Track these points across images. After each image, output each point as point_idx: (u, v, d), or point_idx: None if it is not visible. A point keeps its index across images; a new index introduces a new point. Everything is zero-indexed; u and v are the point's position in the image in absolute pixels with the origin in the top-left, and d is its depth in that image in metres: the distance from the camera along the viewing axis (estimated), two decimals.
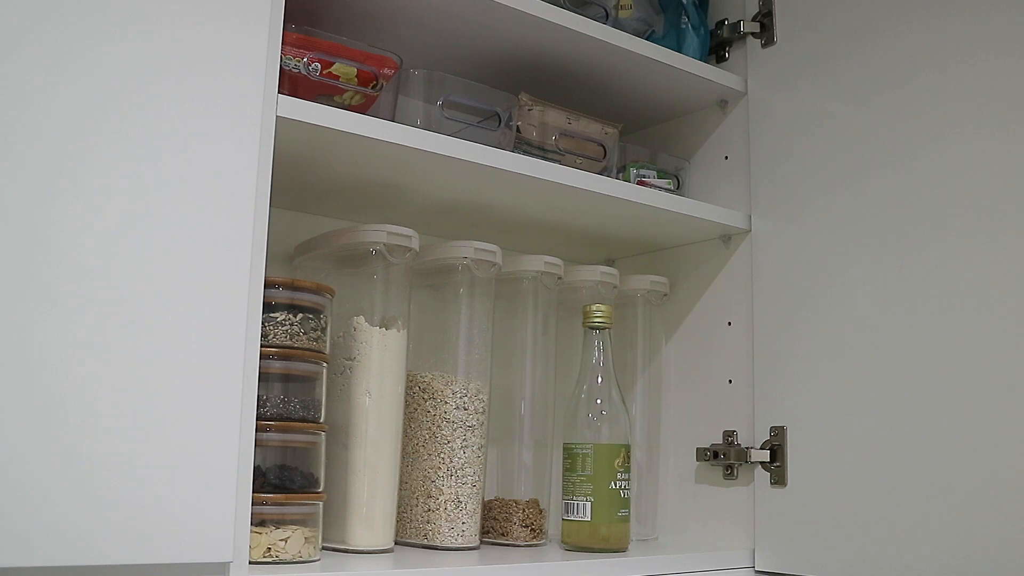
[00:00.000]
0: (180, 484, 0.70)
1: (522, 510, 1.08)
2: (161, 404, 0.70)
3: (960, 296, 0.95)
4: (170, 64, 0.74)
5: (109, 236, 0.70)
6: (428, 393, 1.04)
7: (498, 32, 1.06)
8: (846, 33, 1.10)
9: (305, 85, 0.90)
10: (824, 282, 1.08)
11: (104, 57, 0.71)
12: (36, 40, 0.68)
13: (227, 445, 0.73)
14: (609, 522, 1.05)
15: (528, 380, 1.11)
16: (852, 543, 1.01)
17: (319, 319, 0.91)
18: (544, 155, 1.08)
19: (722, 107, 1.25)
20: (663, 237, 1.27)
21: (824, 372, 1.07)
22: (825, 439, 1.06)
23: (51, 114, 0.68)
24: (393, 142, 0.89)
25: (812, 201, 1.11)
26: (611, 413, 1.08)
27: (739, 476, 1.15)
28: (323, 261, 1.03)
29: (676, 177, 1.22)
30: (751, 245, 1.18)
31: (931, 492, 0.95)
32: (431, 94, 1.00)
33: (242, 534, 0.74)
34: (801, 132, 1.14)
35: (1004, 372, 0.91)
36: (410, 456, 1.03)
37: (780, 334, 1.12)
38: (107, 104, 0.71)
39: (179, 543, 0.70)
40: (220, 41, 0.77)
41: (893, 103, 1.04)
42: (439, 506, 1.01)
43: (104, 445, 0.67)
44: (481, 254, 1.05)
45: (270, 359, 0.86)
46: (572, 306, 1.18)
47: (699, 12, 1.24)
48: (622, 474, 1.06)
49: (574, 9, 1.07)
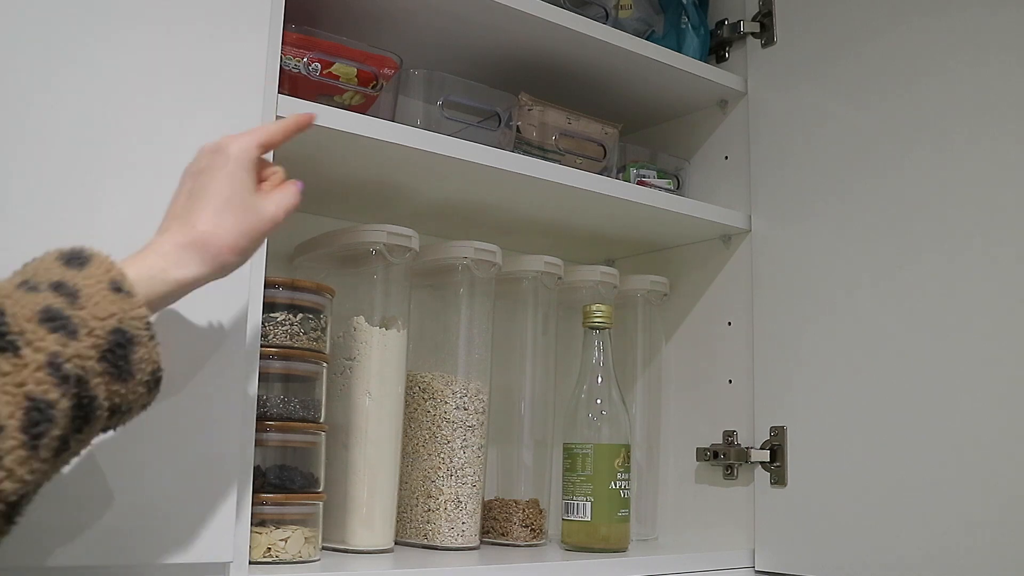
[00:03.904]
0: (180, 484, 0.70)
1: (522, 510, 1.08)
2: (161, 404, 0.70)
3: (960, 296, 0.95)
4: (170, 64, 0.74)
5: (110, 236, 0.69)
6: (428, 393, 1.04)
7: (498, 32, 1.06)
8: (846, 33, 1.10)
9: (305, 85, 0.90)
10: (824, 282, 1.08)
11: (104, 58, 0.71)
12: (35, 40, 0.68)
13: (227, 445, 0.73)
14: (609, 522, 1.05)
15: (528, 380, 1.11)
16: (852, 543, 1.01)
17: (319, 319, 0.91)
18: (544, 155, 1.08)
19: (722, 107, 1.25)
20: (663, 237, 1.27)
21: (824, 372, 1.07)
22: (825, 439, 1.06)
23: (52, 116, 0.68)
24: (393, 142, 0.89)
25: (812, 201, 1.11)
26: (611, 413, 1.08)
27: (739, 476, 1.15)
28: (323, 261, 1.03)
29: (676, 177, 1.22)
30: (751, 245, 1.18)
31: (931, 492, 0.95)
32: (431, 94, 1.00)
33: (242, 534, 0.75)
34: (801, 132, 1.14)
35: (1004, 372, 0.91)
36: (410, 456, 1.03)
37: (780, 334, 1.12)
38: (107, 104, 0.71)
39: (179, 543, 0.70)
40: (220, 41, 0.77)
41: (893, 103, 1.04)
42: (439, 506, 1.01)
43: (102, 446, 0.67)
44: (481, 254, 1.05)
45: (270, 359, 0.86)
46: (572, 306, 1.18)
47: (699, 12, 1.24)
48: (622, 474, 1.06)
49: (574, 9, 1.07)
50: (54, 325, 0.50)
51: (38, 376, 0.48)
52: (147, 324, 0.54)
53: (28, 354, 0.48)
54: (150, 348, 0.55)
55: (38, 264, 0.54)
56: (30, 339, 0.48)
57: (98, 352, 0.51)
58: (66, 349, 0.50)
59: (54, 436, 0.49)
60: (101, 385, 0.52)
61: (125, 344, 0.53)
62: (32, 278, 0.52)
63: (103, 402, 0.52)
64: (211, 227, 0.60)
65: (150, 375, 0.55)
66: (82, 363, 0.51)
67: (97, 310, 0.52)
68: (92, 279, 0.53)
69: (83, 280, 0.53)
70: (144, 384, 0.55)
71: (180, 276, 0.58)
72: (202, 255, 0.59)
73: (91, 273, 0.53)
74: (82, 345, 0.51)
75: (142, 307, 0.54)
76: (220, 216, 0.61)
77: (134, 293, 0.54)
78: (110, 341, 0.52)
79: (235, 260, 0.62)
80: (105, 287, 0.53)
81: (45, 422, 0.48)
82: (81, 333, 0.51)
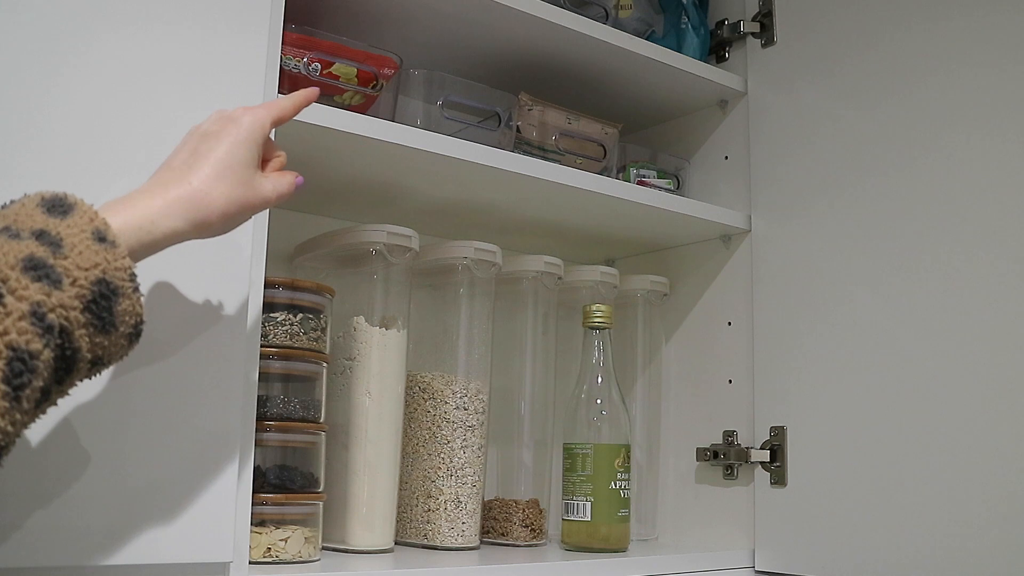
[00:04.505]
0: (180, 484, 0.70)
1: (522, 510, 1.08)
2: (160, 404, 0.70)
3: (960, 296, 0.95)
4: (170, 64, 0.74)
5: None
6: (428, 393, 1.04)
7: (498, 32, 1.06)
8: (846, 33, 1.10)
9: (305, 85, 0.89)
10: (824, 282, 1.08)
11: (104, 58, 0.71)
12: (35, 41, 0.68)
13: (227, 445, 0.73)
14: (609, 522, 1.05)
15: (528, 380, 1.11)
16: (852, 543, 1.01)
17: (319, 319, 0.91)
18: (544, 155, 1.08)
19: (722, 107, 1.25)
20: (663, 237, 1.27)
21: (824, 372, 1.07)
22: (825, 439, 1.06)
23: (51, 116, 0.68)
24: (393, 142, 0.89)
25: (812, 201, 1.11)
26: (611, 413, 1.08)
27: (739, 476, 1.15)
28: (323, 261, 1.03)
29: (676, 177, 1.22)
30: (751, 245, 1.18)
31: (931, 492, 0.95)
32: (431, 94, 1.00)
33: (242, 534, 0.74)
34: (801, 132, 1.14)
35: (1004, 372, 0.91)
36: (410, 456, 1.03)
37: (780, 334, 1.12)
38: (107, 104, 0.71)
39: (179, 543, 0.70)
40: (220, 41, 0.77)
41: (893, 103, 1.04)
42: (439, 506, 1.01)
43: (102, 446, 0.67)
44: (481, 254, 1.05)
45: (270, 359, 0.86)
46: (572, 306, 1.18)
47: (699, 12, 1.24)
48: (622, 474, 1.06)
49: (574, 9, 1.07)
50: (37, 274, 0.49)
51: (20, 326, 0.47)
52: (131, 275, 0.54)
53: (11, 302, 0.47)
54: (134, 300, 0.54)
55: (19, 209, 0.52)
56: (13, 287, 0.47)
57: (82, 303, 0.51)
58: (49, 299, 0.49)
59: (36, 387, 0.48)
60: (84, 337, 0.51)
61: (109, 295, 0.52)
62: (13, 224, 0.51)
63: (86, 354, 0.52)
64: (206, 187, 0.60)
65: (133, 327, 0.54)
66: (66, 313, 0.50)
67: (81, 260, 0.51)
68: (75, 228, 0.52)
69: (66, 229, 0.51)
70: (126, 337, 0.54)
71: (166, 228, 0.57)
72: (190, 212, 0.59)
73: (74, 222, 0.52)
74: (66, 295, 0.50)
75: (125, 258, 0.53)
76: (217, 180, 0.61)
77: (118, 243, 0.53)
78: (94, 292, 0.51)
79: (219, 226, 0.62)
80: (88, 236, 0.52)
81: (28, 372, 0.47)
82: (65, 283, 0.50)
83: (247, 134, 0.63)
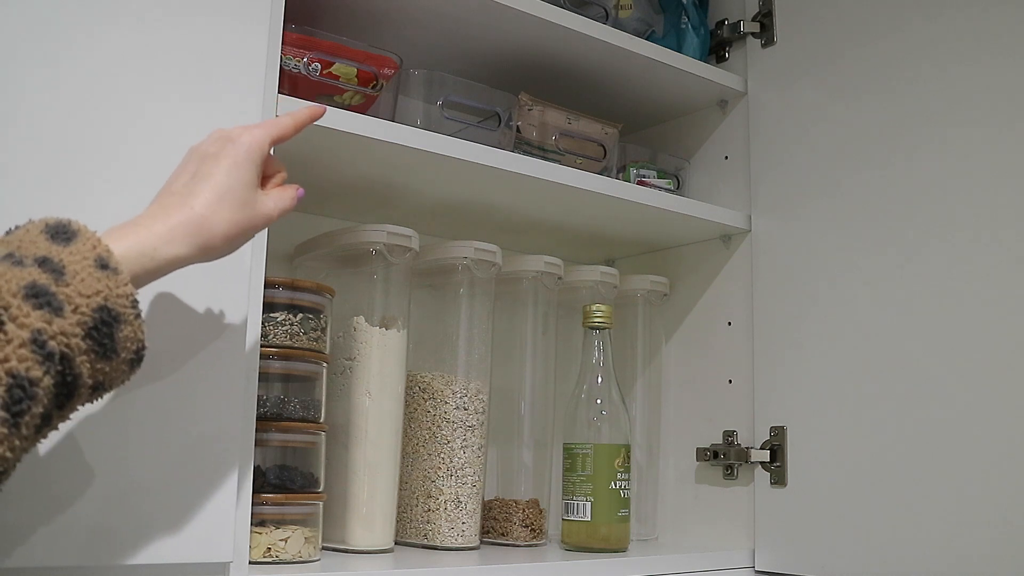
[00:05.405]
0: (180, 484, 0.70)
1: (522, 510, 1.08)
2: (160, 404, 0.70)
3: (960, 296, 0.95)
4: (170, 64, 0.74)
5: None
6: (428, 393, 1.04)
7: (498, 32, 1.06)
8: (846, 33, 1.10)
9: (305, 85, 0.90)
10: (824, 282, 1.08)
11: (104, 58, 0.71)
12: (33, 39, 0.68)
13: (227, 445, 0.73)
14: (609, 522, 1.05)
15: (528, 380, 1.11)
16: (852, 543, 1.01)
17: (319, 319, 0.91)
18: (544, 155, 1.08)
19: (722, 107, 1.25)
20: (663, 237, 1.27)
21: (824, 372, 1.07)
22: (825, 439, 1.06)
23: (50, 116, 0.68)
24: (393, 142, 0.89)
25: (812, 201, 1.11)
26: (611, 413, 1.08)
27: (739, 476, 1.15)
28: (323, 261, 1.03)
29: (676, 177, 1.22)
30: (751, 245, 1.18)
31: (931, 492, 0.95)
32: (431, 94, 1.00)
33: (242, 534, 0.74)
34: (801, 132, 1.14)
35: (1004, 371, 0.91)
36: (410, 456, 1.03)
37: (780, 334, 1.12)
38: (107, 104, 0.71)
39: (179, 543, 0.70)
40: (220, 41, 0.77)
41: (893, 103, 1.04)
42: (439, 506, 1.01)
43: (102, 446, 0.67)
44: (481, 254, 1.05)
45: (270, 359, 0.86)
46: (572, 306, 1.18)
47: (699, 12, 1.24)
48: (622, 474, 1.06)
49: (574, 9, 1.07)
50: (39, 301, 0.49)
51: (21, 353, 0.47)
52: (133, 302, 0.54)
53: (12, 330, 0.47)
54: (135, 326, 0.54)
55: (23, 235, 0.53)
56: (15, 314, 0.48)
57: (83, 330, 0.51)
58: (50, 326, 0.49)
59: (35, 414, 0.49)
60: (86, 363, 0.52)
61: (110, 322, 0.52)
62: (17, 251, 0.51)
63: (87, 380, 0.52)
64: (208, 212, 0.60)
65: (134, 353, 0.55)
66: (67, 340, 0.50)
67: (83, 287, 0.51)
68: (78, 255, 0.52)
69: (68, 256, 0.52)
70: (127, 362, 0.55)
71: (169, 255, 0.58)
72: (193, 237, 0.59)
73: (77, 249, 0.53)
74: (67, 322, 0.50)
75: (128, 284, 0.54)
76: (219, 203, 0.61)
77: (120, 270, 0.54)
78: (95, 319, 0.51)
79: (223, 249, 0.62)
80: (91, 264, 0.52)
81: (27, 399, 0.48)
82: (66, 310, 0.50)
83: (246, 154, 0.63)
